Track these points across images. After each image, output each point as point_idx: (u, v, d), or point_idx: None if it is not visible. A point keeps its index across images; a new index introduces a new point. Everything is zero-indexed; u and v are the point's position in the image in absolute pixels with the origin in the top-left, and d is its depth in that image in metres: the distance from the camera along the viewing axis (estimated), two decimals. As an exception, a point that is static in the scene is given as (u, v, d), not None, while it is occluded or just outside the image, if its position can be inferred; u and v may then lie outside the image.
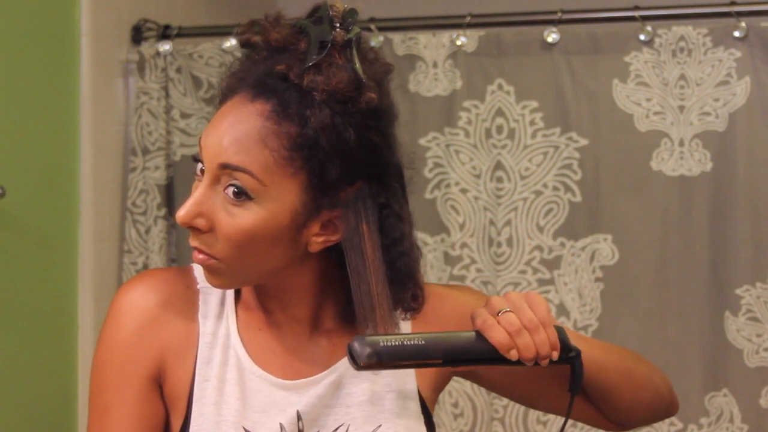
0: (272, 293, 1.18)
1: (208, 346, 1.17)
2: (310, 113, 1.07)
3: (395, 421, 1.19)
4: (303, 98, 1.08)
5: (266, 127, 1.08)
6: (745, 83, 2.22)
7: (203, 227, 1.10)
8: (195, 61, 2.55)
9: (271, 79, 1.09)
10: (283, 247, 1.11)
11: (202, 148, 1.11)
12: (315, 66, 1.08)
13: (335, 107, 1.08)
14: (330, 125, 1.07)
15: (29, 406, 2.31)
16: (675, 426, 2.26)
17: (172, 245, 2.57)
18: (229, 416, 1.15)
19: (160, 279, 1.21)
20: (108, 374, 1.17)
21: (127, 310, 1.18)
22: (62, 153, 2.41)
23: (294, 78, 1.08)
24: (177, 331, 1.18)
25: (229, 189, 1.09)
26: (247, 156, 1.08)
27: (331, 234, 1.13)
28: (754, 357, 2.22)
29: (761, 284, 2.21)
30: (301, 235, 1.11)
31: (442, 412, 2.34)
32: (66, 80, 2.41)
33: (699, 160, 2.26)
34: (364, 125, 1.10)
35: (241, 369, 1.16)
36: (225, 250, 1.10)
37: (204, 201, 1.10)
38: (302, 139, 1.07)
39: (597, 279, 2.31)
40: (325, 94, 1.07)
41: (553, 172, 2.33)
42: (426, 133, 2.40)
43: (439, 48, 2.39)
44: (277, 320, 1.19)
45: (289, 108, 1.08)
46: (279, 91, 1.08)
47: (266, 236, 1.09)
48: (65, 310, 2.42)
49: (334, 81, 1.07)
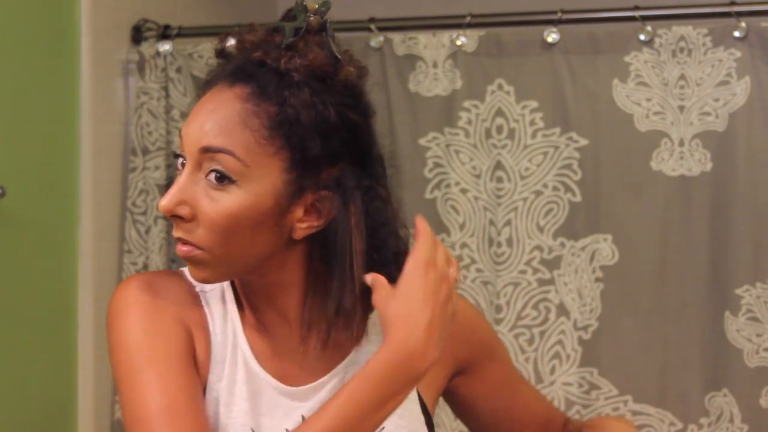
0: (259, 289, 1.17)
1: (220, 345, 1.16)
2: (288, 93, 1.08)
3: (397, 422, 1.18)
4: (281, 79, 1.09)
5: (246, 108, 1.09)
6: (745, 83, 2.22)
7: (186, 215, 1.10)
8: (195, 61, 2.55)
9: (248, 66, 1.11)
10: (266, 232, 1.11)
11: (182, 138, 1.11)
12: (291, 48, 1.10)
13: (314, 85, 1.09)
14: (309, 102, 1.08)
15: (29, 406, 2.31)
16: (675, 426, 2.26)
17: (172, 245, 2.57)
18: (238, 417, 1.15)
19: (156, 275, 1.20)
20: (136, 356, 1.11)
21: (136, 299, 1.14)
22: (62, 153, 2.41)
23: (271, 62, 1.10)
24: (192, 318, 1.16)
25: (211, 174, 1.09)
26: (228, 138, 1.08)
27: (315, 219, 1.12)
28: (754, 357, 2.22)
29: (761, 284, 2.21)
30: (285, 219, 1.11)
31: (442, 412, 2.33)
32: (66, 80, 2.41)
33: (699, 160, 2.26)
34: (343, 103, 1.11)
35: (248, 369, 1.16)
36: (208, 237, 1.09)
37: (186, 188, 1.10)
38: (282, 117, 1.08)
39: (597, 279, 2.31)
40: (303, 73, 1.09)
41: (553, 172, 2.33)
42: (426, 133, 2.40)
43: (439, 48, 2.39)
44: (270, 321, 1.18)
45: (267, 89, 1.09)
46: (257, 75, 1.10)
47: (249, 220, 1.09)
48: (65, 310, 2.42)
49: (310, 57, 1.09)
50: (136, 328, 1.12)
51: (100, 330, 2.45)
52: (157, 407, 1.07)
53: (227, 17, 2.87)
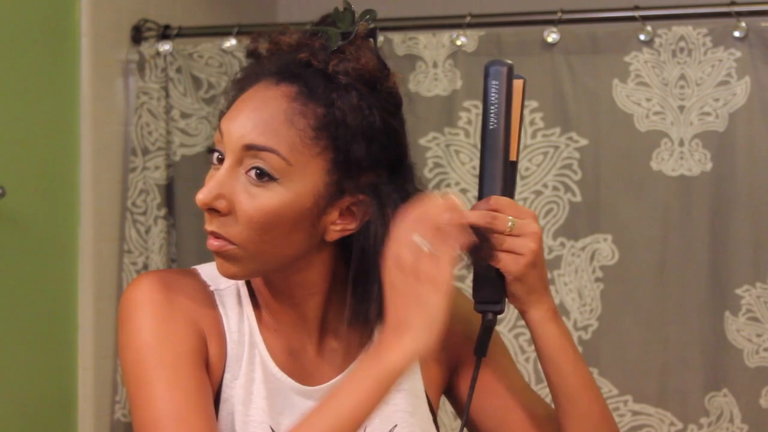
0: (282, 288, 1.16)
1: (235, 344, 1.15)
2: (336, 95, 1.08)
3: (409, 420, 1.19)
4: (329, 82, 1.09)
5: (293, 107, 1.08)
6: (745, 83, 2.22)
7: (223, 209, 1.09)
8: (195, 61, 2.55)
9: (294, 66, 1.10)
10: (302, 232, 1.10)
11: (223, 134, 1.10)
12: (339, 51, 1.10)
13: (361, 89, 1.09)
14: (356, 106, 1.09)
15: (29, 406, 2.31)
16: (675, 426, 2.26)
17: (172, 245, 2.57)
18: (256, 416, 1.14)
19: (170, 274, 1.18)
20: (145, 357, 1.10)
21: (149, 299, 1.12)
22: (62, 153, 2.41)
23: (318, 64, 1.10)
24: (205, 318, 1.15)
25: (252, 171, 1.08)
26: (274, 136, 1.07)
27: (349, 222, 1.12)
28: (754, 357, 2.22)
29: (761, 284, 2.21)
30: (320, 221, 1.11)
31: (443, 411, 2.33)
32: (66, 80, 2.41)
33: (699, 160, 2.26)
34: (387, 110, 1.11)
35: (265, 368, 1.16)
36: (244, 233, 1.08)
37: (225, 182, 1.09)
38: (329, 119, 1.08)
39: (597, 279, 2.31)
40: (352, 77, 1.09)
41: (553, 172, 2.33)
42: (426, 133, 2.40)
43: (439, 48, 2.39)
44: (288, 321, 1.18)
45: (316, 89, 1.09)
46: (304, 76, 1.09)
47: (287, 219, 1.08)
48: (65, 310, 2.42)
49: (363, 61, 1.10)
50: (147, 328, 1.11)
51: (100, 330, 2.45)
52: (166, 411, 1.07)
53: (227, 17, 2.87)
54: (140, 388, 1.09)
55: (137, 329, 1.11)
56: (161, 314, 1.11)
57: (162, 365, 1.09)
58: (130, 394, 1.10)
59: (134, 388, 1.10)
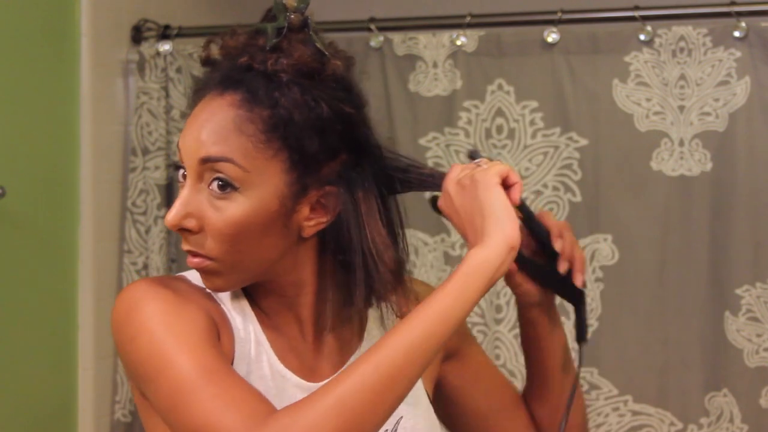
0: (274, 290, 1.17)
1: (243, 341, 1.15)
2: (279, 94, 1.09)
3: (413, 412, 1.20)
4: (270, 82, 1.09)
5: (239, 115, 1.09)
6: (745, 83, 2.22)
7: (193, 228, 1.10)
8: (195, 61, 2.55)
9: (236, 73, 1.11)
10: (275, 235, 1.11)
11: (181, 150, 1.11)
12: (276, 49, 1.10)
13: (303, 83, 1.09)
14: (300, 101, 1.09)
15: (29, 406, 2.31)
16: (675, 426, 2.26)
17: (172, 245, 2.57)
18: None
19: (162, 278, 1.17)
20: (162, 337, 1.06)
21: (153, 291, 1.10)
22: (62, 153, 2.41)
23: (258, 65, 1.10)
24: (215, 311, 1.14)
25: (214, 183, 1.09)
26: (226, 145, 1.08)
27: (322, 216, 1.12)
28: (754, 357, 2.22)
29: (761, 284, 2.21)
30: (291, 220, 1.11)
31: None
32: (66, 80, 2.41)
33: (699, 160, 2.26)
34: (335, 97, 1.11)
35: (271, 366, 1.16)
36: (218, 247, 1.09)
37: (190, 201, 1.10)
38: (276, 119, 1.08)
39: (597, 279, 2.31)
40: (291, 72, 1.09)
41: (553, 172, 2.33)
42: (426, 133, 2.40)
43: (439, 48, 2.39)
44: (284, 321, 1.18)
45: (258, 93, 1.09)
46: (246, 81, 1.10)
47: (257, 225, 1.09)
48: (65, 310, 2.42)
49: (296, 55, 1.09)
50: (158, 312, 1.07)
51: (100, 330, 2.45)
52: (196, 370, 1.03)
53: (227, 17, 2.86)
54: (162, 363, 1.04)
55: (147, 318, 1.07)
56: (170, 301, 1.09)
57: (181, 339, 1.05)
58: (151, 378, 1.05)
59: (154, 370, 1.05)
